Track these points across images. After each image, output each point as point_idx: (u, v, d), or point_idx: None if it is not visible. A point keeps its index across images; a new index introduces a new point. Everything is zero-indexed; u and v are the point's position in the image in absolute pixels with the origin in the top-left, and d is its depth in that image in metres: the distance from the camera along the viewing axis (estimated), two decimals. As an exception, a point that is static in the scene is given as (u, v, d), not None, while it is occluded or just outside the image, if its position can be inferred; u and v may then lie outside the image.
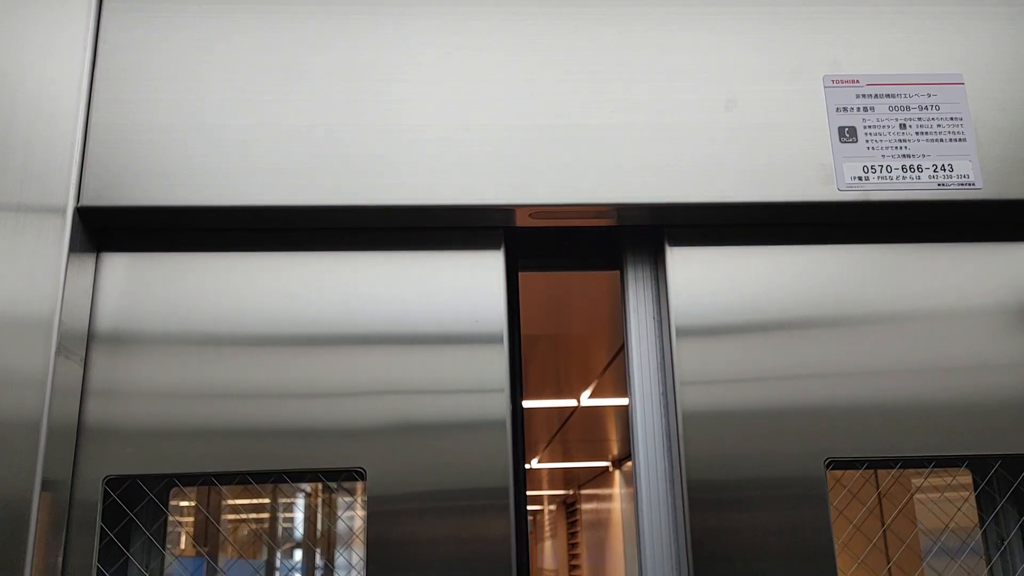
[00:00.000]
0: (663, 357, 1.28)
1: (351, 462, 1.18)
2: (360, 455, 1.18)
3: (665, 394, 1.26)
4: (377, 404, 1.20)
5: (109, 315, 1.22)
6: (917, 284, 1.28)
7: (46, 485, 1.08)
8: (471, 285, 1.25)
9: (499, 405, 1.20)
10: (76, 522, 1.13)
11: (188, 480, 1.21)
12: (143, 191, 1.20)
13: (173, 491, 1.36)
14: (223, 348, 1.21)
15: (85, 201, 1.18)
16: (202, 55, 1.26)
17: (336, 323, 1.23)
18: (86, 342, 1.20)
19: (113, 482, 1.17)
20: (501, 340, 1.23)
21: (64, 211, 1.16)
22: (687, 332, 1.24)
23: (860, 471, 1.28)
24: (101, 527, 1.14)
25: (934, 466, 1.25)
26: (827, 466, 1.19)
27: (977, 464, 1.32)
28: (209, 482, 1.20)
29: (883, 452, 1.20)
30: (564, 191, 1.22)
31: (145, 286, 1.23)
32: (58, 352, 1.11)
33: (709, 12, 1.31)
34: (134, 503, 1.23)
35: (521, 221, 1.27)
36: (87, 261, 1.21)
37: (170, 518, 1.31)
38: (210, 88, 1.24)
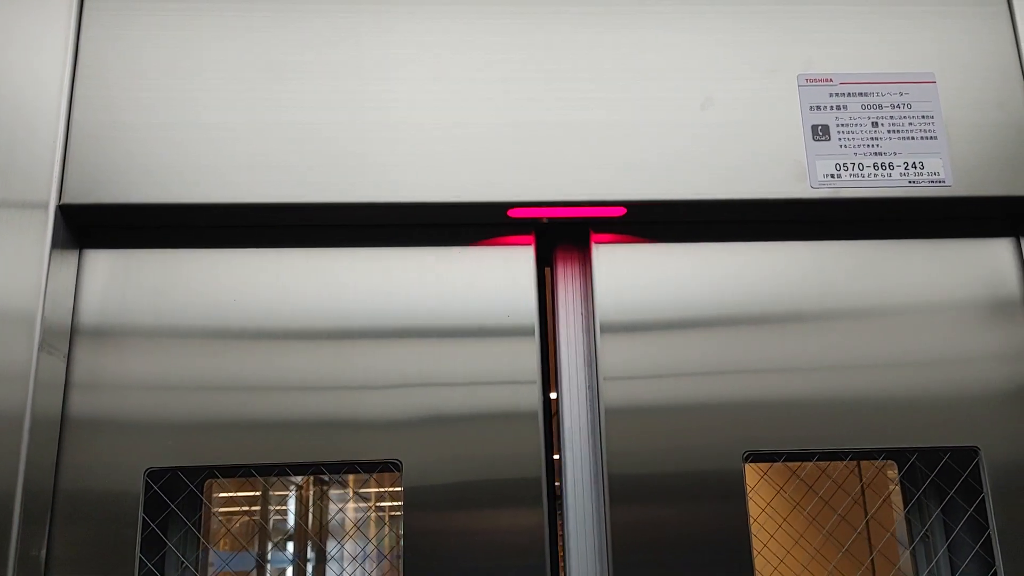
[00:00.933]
0: (590, 352, 1.30)
1: (387, 454, 1.20)
2: (396, 447, 1.20)
3: (591, 388, 1.28)
4: (412, 397, 1.22)
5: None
6: (842, 281, 1.29)
7: (28, 479, 1.09)
8: (504, 279, 1.27)
9: (531, 397, 1.22)
10: (114, 514, 1.15)
11: (227, 472, 1.23)
12: (126, 188, 1.21)
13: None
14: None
15: (67, 198, 1.19)
16: (185, 53, 1.26)
17: (371, 317, 1.24)
18: (69, 338, 1.21)
19: (154, 474, 1.19)
20: (533, 333, 1.25)
21: (46, 208, 1.17)
22: (611, 328, 1.26)
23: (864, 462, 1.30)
24: (143, 518, 1.16)
25: (851, 458, 1.26)
26: (745, 459, 1.21)
27: (899, 456, 1.34)
28: (248, 474, 1.22)
29: (801, 445, 1.22)
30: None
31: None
32: (41, 348, 1.13)
33: (685, 11, 1.32)
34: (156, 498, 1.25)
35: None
36: (70, 258, 1.22)
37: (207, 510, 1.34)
38: (194, 85, 1.25)
